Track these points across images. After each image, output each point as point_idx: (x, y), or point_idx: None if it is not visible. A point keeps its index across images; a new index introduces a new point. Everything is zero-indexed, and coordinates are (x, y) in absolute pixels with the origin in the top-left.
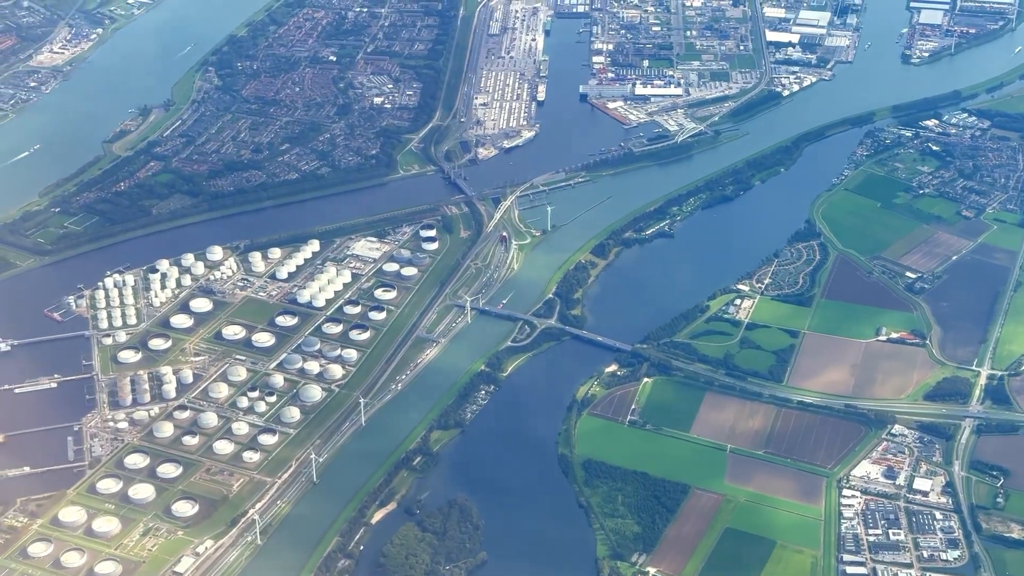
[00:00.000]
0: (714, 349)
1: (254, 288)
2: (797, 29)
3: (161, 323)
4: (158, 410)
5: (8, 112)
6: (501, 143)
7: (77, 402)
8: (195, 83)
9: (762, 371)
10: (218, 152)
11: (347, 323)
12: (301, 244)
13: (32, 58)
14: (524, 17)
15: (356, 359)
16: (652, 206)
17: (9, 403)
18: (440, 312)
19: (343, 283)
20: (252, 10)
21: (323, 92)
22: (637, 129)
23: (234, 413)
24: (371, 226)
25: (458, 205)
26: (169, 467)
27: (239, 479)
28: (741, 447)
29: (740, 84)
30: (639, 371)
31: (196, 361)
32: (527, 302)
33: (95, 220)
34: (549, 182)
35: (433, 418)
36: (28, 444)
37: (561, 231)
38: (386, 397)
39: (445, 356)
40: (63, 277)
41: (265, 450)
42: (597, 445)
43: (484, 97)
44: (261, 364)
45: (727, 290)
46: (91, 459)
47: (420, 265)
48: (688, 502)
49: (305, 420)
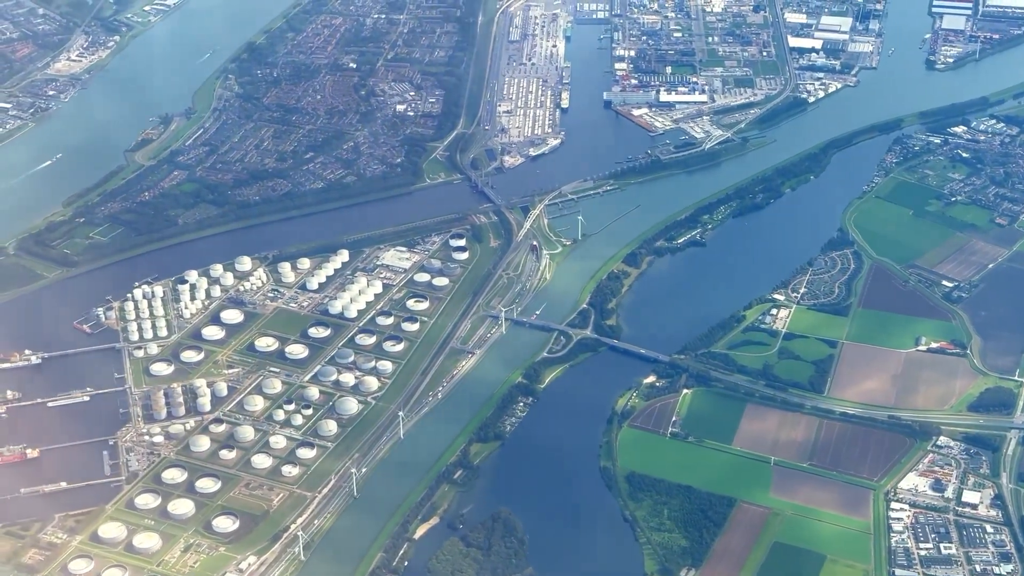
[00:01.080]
0: (752, 360)
1: (285, 299)
2: (819, 35)
3: (192, 335)
4: (193, 423)
5: (28, 121)
6: (527, 151)
7: (111, 416)
8: (215, 91)
9: (802, 382)
10: (242, 161)
11: (380, 334)
12: (330, 254)
13: (49, 66)
14: (544, 23)
15: (391, 371)
16: (682, 214)
17: (42, 417)
18: (474, 323)
19: (374, 293)
20: (269, 17)
21: (345, 100)
22: (663, 136)
23: (271, 426)
24: (400, 235)
25: (486, 214)
26: (208, 482)
27: (279, 494)
28: (785, 459)
29: (765, 90)
30: (678, 382)
31: (230, 373)
32: (561, 312)
33: (120, 230)
34: (577, 190)
35: (472, 431)
36: (63, 458)
37: (592, 240)
38: (423, 409)
39: (481, 367)
40: (91, 288)
41: (304, 464)
42: (639, 457)
43: (507, 104)
44: (295, 376)
45: (762, 299)
46: (128, 474)
47: (451, 275)
48: (735, 515)
49: (343, 433)
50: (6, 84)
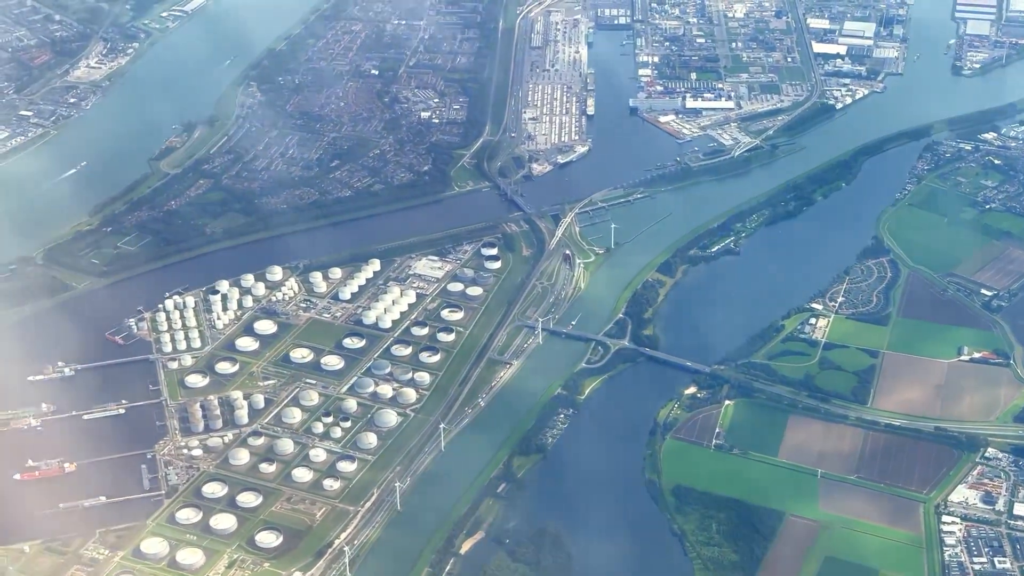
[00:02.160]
0: (793, 370)
1: (318, 309)
2: (844, 40)
3: (226, 346)
4: (232, 436)
5: (49, 129)
6: (555, 158)
7: (147, 428)
8: (237, 98)
9: (845, 392)
10: (268, 169)
11: (416, 345)
12: (362, 263)
13: (69, 73)
14: (565, 29)
15: (429, 382)
16: (715, 222)
17: (78, 430)
18: (510, 333)
19: (408, 303)
20: (287, 23)
21: (368, 107)
22: (691, 143)
23: (310, 439)
24: (430, 244)
25: (517, 222)
26: (249, 496)
27: (321, 508)
28: (832, 471)
29: (791, 97)
30: (720, 393)
31: (266, 385)
32: (597, 322)
33: (148, 240)
34: (608, 198)
35: (514, 443)
36: (101, 472)
37: (625, 248)
38: (463, 421)
39: (519, 378)
40: (121, 299)
41: (345, 477)
42: (684, 470)
43: (533, 111)
44: (332, 388)
45: (800, 309)
46: (167, 488)
47: (485, 284)
48: (784, 529)
49: (383, 446)
50: (26, 91)
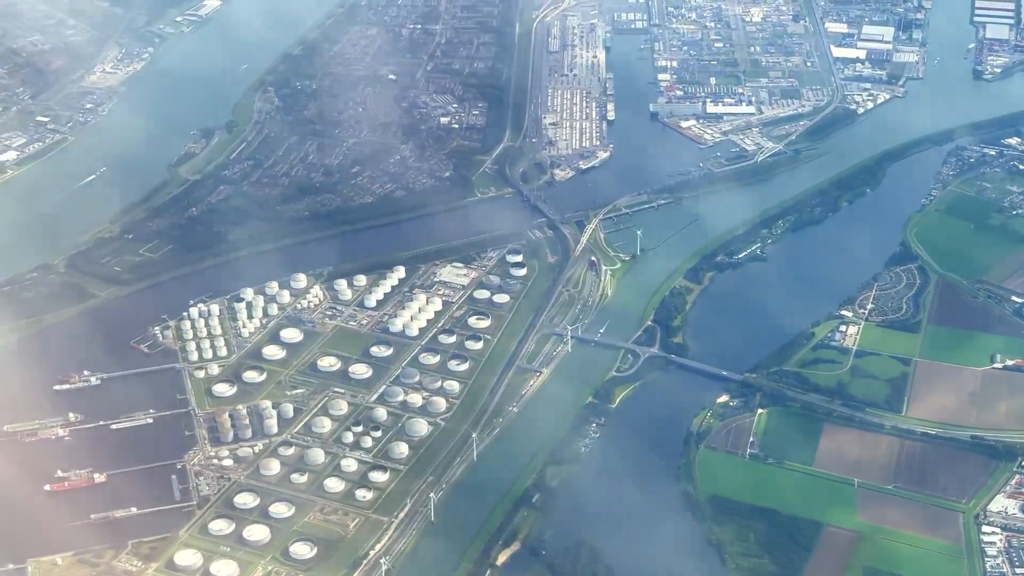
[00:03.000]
0: (825, 378)
1: (344, 317)
2: (863, 44)
3: (252, 354)
4: (262, 446)
5: (67, 135)
6: (577, 164)
7: (175, 438)
8: (255, 103)
9: (878, 401)
10: (288, 175)
11: (444, 353)
12: (386, 271)
13: (84, 78)
14: (582, 33)
15: (458, 391)
16: (740, 229)
17: (106, 440)
18: (538, 341)
19: (434, 311)
20: (302, 27)
21: (387, 112)
22: (713, 149)
23: (340, 449)
24: (454, 251)
25: (541, 229)
26: (281, 507)
27: (354, 519)
28: (869, 481)
29: (812, 102)
30: (752, 402)
31: (294, 394)
32: (626, 330)
33: (170, 247)
34: (631, 204)
35: (546, 452)
36: (131, 483)
37: (650, 255)
38: (494, 431)
39: (549, 387)
40: (144, 307)
41: (377, 488)
42: (720, 480)
43: (553, 116)
44: (361, 397)
45: (830, 316)
46: (199, 498)
47: (511, 292)
48: (822, 540)
49: (414, 456)
50: (42, 97)
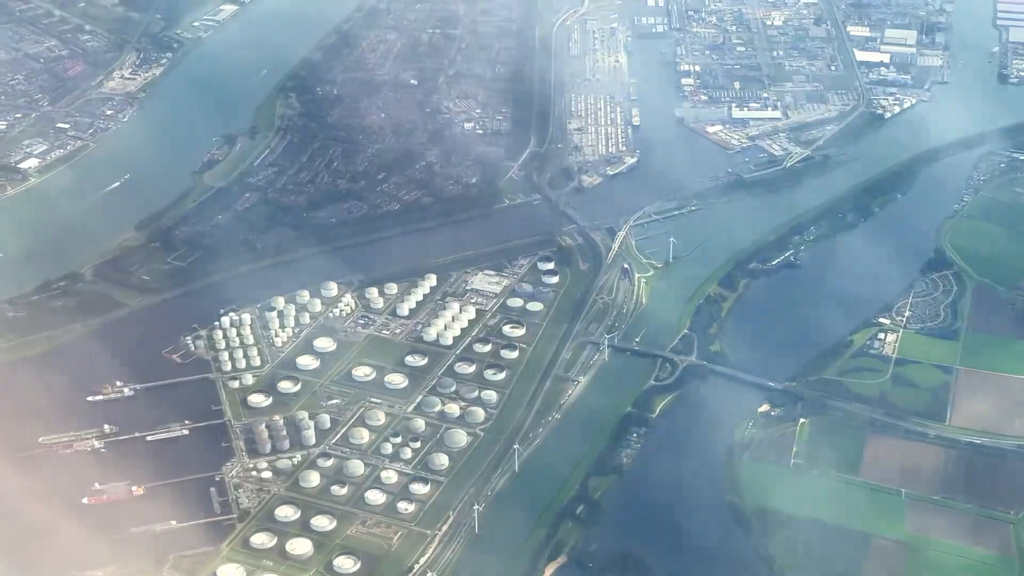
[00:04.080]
0: (867, 387)
1: (376, 326)
2: (886, 48)
3: (286, 364)
4: (300, 458)
5: (88, 142)
6: (604, 170)
7: (212, 450)
8: (277, 109)
9: (921, 409)
10: (314, 182)
11: (480, 362)
12: (417, 279)
13: (103, 84)
14: (602, 38)
15: (495, 401)
16: (772, 235)
17: (142, 452)
18: (574, 350)
19: (468, 319)
20: (321, 32)
21: (410, 118)
22: (741, 154)
23: (380, 460)
24: (485, 258)
25: (571, 235)
26: (323, 520)
27: (397, 531)
28: (916, 491)
29: (839, 106)
30: (794, 411)
31: (331, 405)
32: (662, 338)
33: (198, 255)
34: (662, 210)
35: (588, 463)
36: (169, 496)
37: (683, 262)
38: (535, 441)
39: (588, 396)
40: (174, 316)
41: (419, 500)
42: (765, 491)
43: (577, 122)
44: (398, 407)
45: (868, 323)
46: (239, 511)
47: (544, 300)
48: (872, 552)
49: (455, 467)
50: (61, 103)
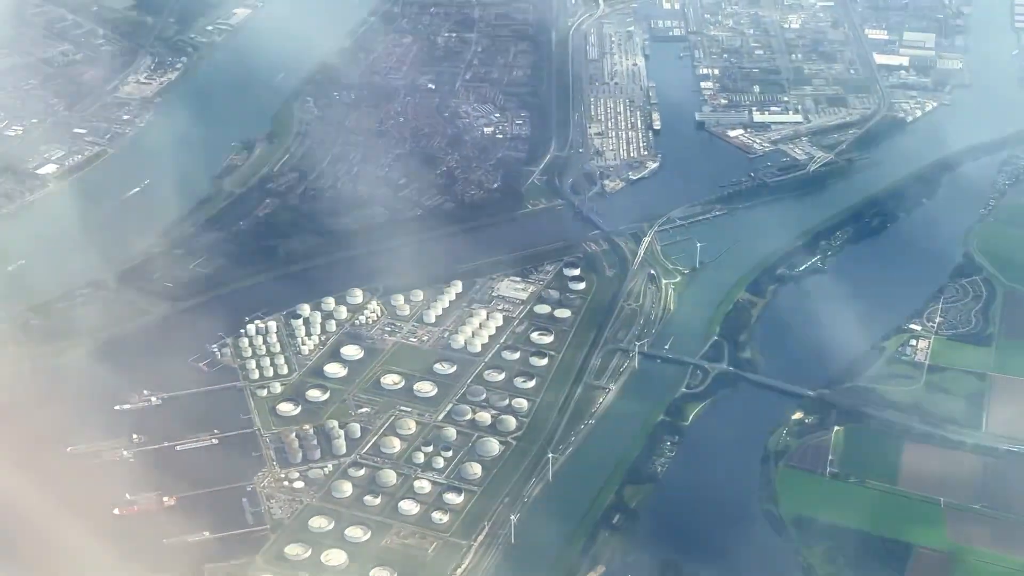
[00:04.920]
0: (900, 394)
1: (403, 333)
2: (905, 51)
3: (314, 372)
4: (331, 467)
5: (106, 147)
6: (626, 174)
7: (243, 459)
8: (295, 114)
9: (957, 417)
10: (334, 187)
11: (509, 370)
12: (442, 285)
13: (119, 89)
14: (619, 41)
15: (526, 408)
16: (799, 240)
17: (172, 461)
18: (603, 357)
19: (495, 327)
20: (336, 36)
21: (429, 122)
22: (763, 158)
23: (412, 470)
24: (510, 265)
25: (596, 241)
26: (357, 530)
27: (432, 542)
28: (955, 500)
29: (859, 110)
30: (828, 419)
31: (360, 413)
32: (691, 345)
33: (221, 262)
34: (686, 215)
35: (623, 472)
36: (201, 506)
37: (710, 268)
38: (568, 449)
39: (620, 404)
40: (199, 324)
41: (454, 510)
42: (803, 500)
43: (598, 126)
44: (428, 416)
45: (899, 329)
46: (272, 522)
47: (571, 306)
48: (914, 562)
49: (488, 476)
50: (77, 108)
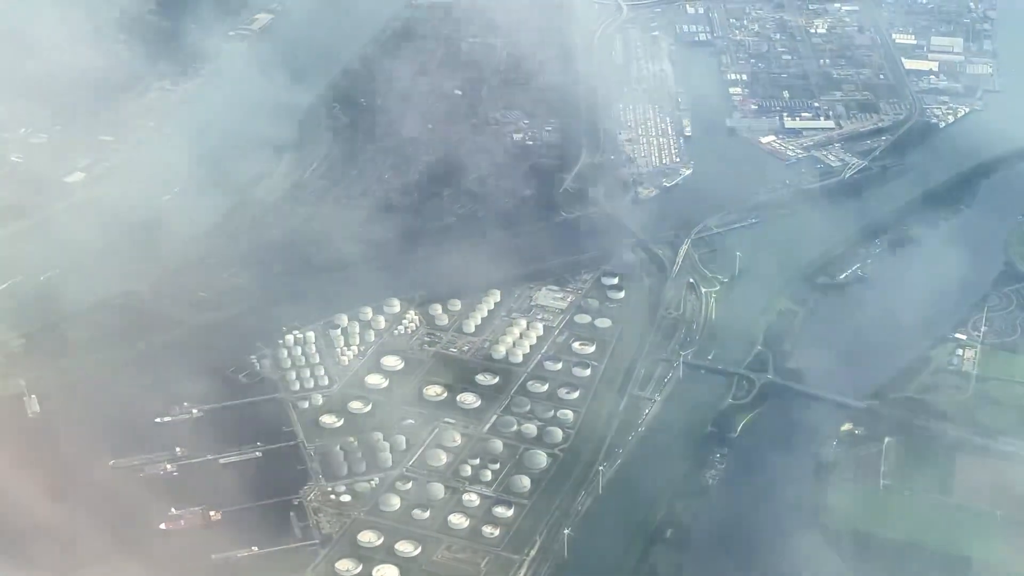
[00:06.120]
0: (950, 404)
1: (443, 343)
2: (934, 56)
3: (354, 383)
4: (378, 480)
5: (133, 154)
6: (660, 181)
7: (288, 473)
8: (322, 121)
9: (1009, 428)
10: (366, 195)
11: (552, 381)
12: (480, 294)
13: (143, 95)
14: (645, 46)
15: (572, 420)
16: (838, 248)
17: (216, 475)
18: (647, 367)
19: (536, 336)
20: (357, 41)
21: (458, 129)
22: (797, 165)
23: (460, 483)
24: (547, 273)
25: (633, 249)
26: (407, 545)
27: (483, 557)
28: (1012, 513)
29: (891, 115)
30: (878, 430)
31: (404, 425)
32: (735, 355)
33: (255, 271)
34: (722, 223)
35: (673, 484)
36: (247, 520)
37: (749, 276)
38: (616, 462)
39: (666, 415)
40: (236, 334)
41: (504, 524)
42: (858, 514)
43: (628, 132)
44: (472, 428)
45: (944, 339)
46: (320, 537)
47: (611, 316)
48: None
49: (537, 489)
50: (102, 115)
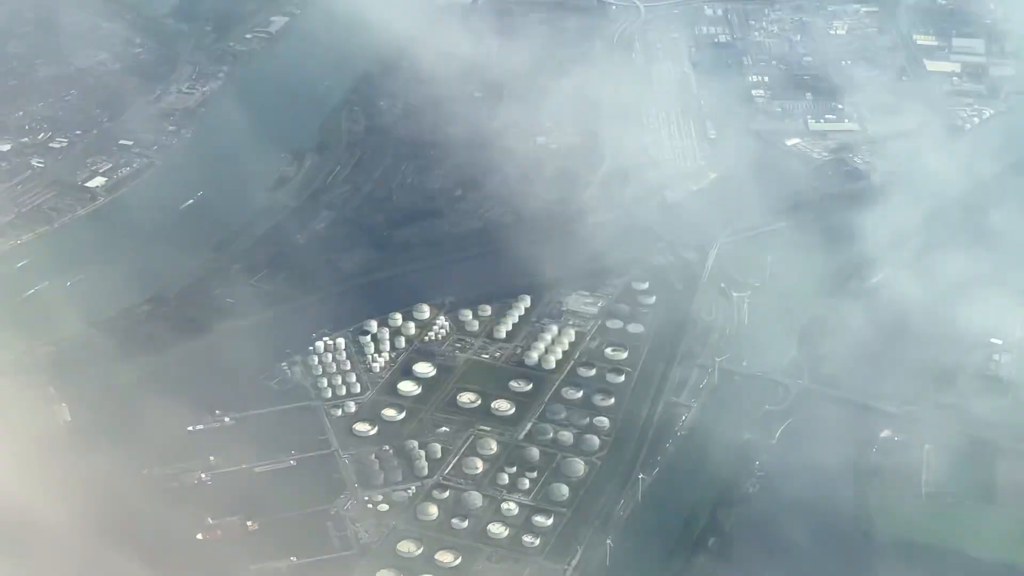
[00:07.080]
0: (989, 409)
1: (475, 349)
2: (956, 58)
3: (387, 390)
4: (415, 489)
5: (154, 159)
6: (686, 185)
7: (324, 482)
8: (343, 124)
9: None
10: (390, 199)
11: (587, 387)
12: (510, 299)
13: (162, 99)
14: (664, 47)
15: (608, 427)
16: (869, 252)
17: (251, 484)
18: (681, 373)
19: (568, 342)
20: (375, 43)
21: (479, 132)
22: (824, 168)
23: (498, 491)
24: (576, 279)
25: (662, 254)
26: (447, 555)
27: (525, 567)
28: None
29: (915, 118)
30: (917, 436)
31: (439, 433)
32: (769, 360)
33: (281, 277)
34: (751, 226)
35: (713, 492)
36: (285, 530)
37: (780, 280)
38: (654, 469)
39: (703, 422)
40: (265, 341)
41: (544, 533)
42: (901, 521)
43: (651, 135)
44: (508, 435)
45: (980, 344)
46: (359, 546)
47: (644, 321)
48: None
49: (576, 497)
50: (121, 119)
